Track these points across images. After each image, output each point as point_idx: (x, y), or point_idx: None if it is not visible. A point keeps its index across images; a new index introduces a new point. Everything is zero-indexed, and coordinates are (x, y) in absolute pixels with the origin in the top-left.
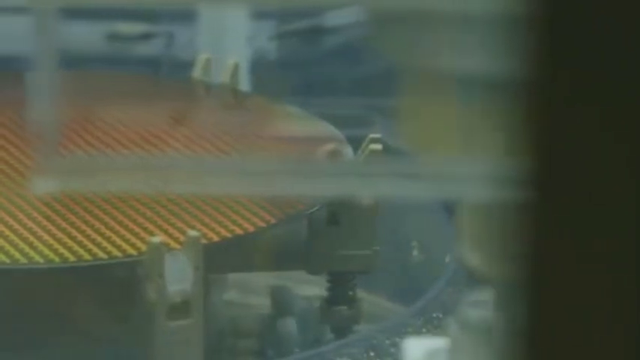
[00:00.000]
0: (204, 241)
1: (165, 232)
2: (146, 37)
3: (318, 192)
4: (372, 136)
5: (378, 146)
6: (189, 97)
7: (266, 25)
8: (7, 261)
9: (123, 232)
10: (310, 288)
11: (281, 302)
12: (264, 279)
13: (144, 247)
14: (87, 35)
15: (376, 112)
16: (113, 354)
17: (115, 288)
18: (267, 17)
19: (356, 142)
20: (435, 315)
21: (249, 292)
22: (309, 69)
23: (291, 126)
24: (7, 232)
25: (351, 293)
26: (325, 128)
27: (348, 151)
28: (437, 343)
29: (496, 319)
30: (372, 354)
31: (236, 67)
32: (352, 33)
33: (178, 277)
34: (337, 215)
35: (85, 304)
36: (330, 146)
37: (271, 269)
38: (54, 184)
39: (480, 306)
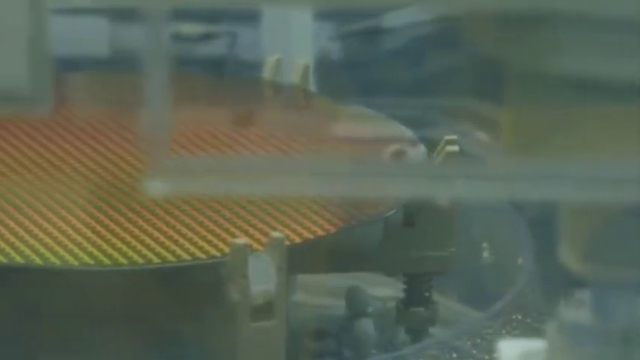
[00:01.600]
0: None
1: (247, 233)
2: (207, 37)
3: (395, 193)
4: (447, 137)
5: (455, 148)
6: (256, 98)
7: (327, 26)
8: (91, 262)
9: (205, 233)
10: (381, 289)
11: (357, 303)
12: (327, 280)
13: (227, 249)
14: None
15: (438, 112)
16: (196, 355)
17: (198, 289)
18: (328, 18)
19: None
20: (514, 317)
21: (313, 293)
22: (370, 70)
23: (360, 126)
24: (89, 234)
25: (427, 294)
26: (394, 128)
27: (419, 150)
28: (533, 344)
29: (595, 320)
30: (454, 355)
31: (306, 68)
32: (413, 33)
33: (262, 278)
34: (414, 216)
35: (169, 305)
36: (396, 146)
37: (347, 270)
38: (166, 186)
39: (579, 307)
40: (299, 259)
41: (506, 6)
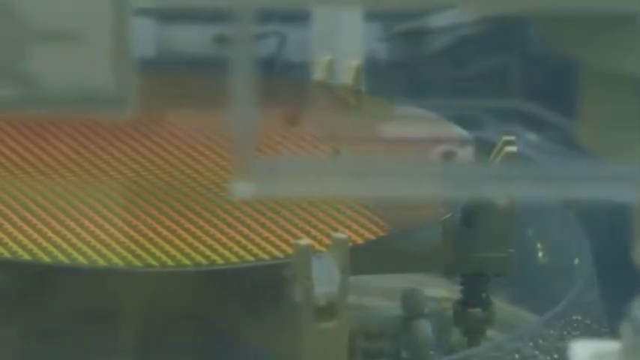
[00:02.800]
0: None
1: (309, 234)
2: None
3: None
4: (506, 138)
5: (513, 148)
6: (308, 99)
7: (373, 26)
8: (156, 264)
9: (267, 234)
10: (434, 290)
11: (413, 304)
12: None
13: (290, 250)
14: (193, 38)
15: (486, 113)
16: (259, 356)
17: (260, 291)
18: (374, 18)
19: None
20: (574, 317)
21: (362, 294)
22: (416, 70)
23: (412, 126)
24: (151, 235)
25: (484, 296)
26: (447, 128)
27: (468, 151)
28: (606, 345)
29: None
30: (516, 356)
31: (359, 69)
32: (458, 34)
33: (325, 279)
34: (472, 217)
35: (232, 306)
36: (445, 147)
37: (404, 271)
38: (253, 188)
39: None
40: (356, 260)
41: (542, 7)
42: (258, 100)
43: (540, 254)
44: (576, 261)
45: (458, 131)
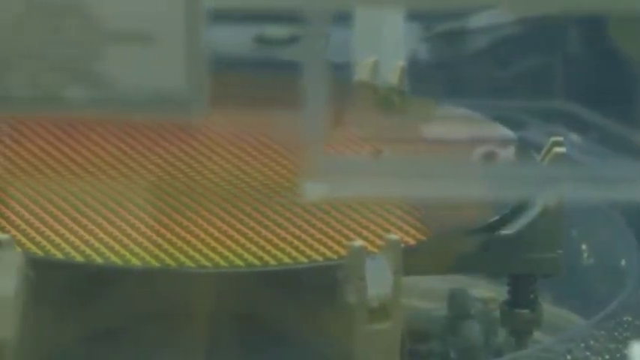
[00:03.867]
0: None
1: (360, 235)
2: (294, 39)
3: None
4: (554, 139)
5: (562, 149)
6: (353, 99)
7: (414, 27)
8: (209, 265)
9: (319, 235)
10: (480, 291)
11: (460, 305)
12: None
13: (342, 251)
14: (234, 39)
15: (526, 113)
16: (311, 357)
17: (313, 292)
18: (414, 19)
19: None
20: (625, 318)
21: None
22: (456, 70)
23: (457, 126)
24: (203, 236)
25: (531, 297)
26: (491, 128)
27: (509, 151)
28: None
29: None
30: (568, 358)
31: (403, 70)
32: (498, 34)
33: (378, 280)
34: (521, 218)
35: (284, 307)
36: (487, 147)
37: (451, 272)
38: (324, 188)
39: None
40: (413, 261)
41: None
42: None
43: (585, 255)
44: (623, 262)
45: (501, 131)
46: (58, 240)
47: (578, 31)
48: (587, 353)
